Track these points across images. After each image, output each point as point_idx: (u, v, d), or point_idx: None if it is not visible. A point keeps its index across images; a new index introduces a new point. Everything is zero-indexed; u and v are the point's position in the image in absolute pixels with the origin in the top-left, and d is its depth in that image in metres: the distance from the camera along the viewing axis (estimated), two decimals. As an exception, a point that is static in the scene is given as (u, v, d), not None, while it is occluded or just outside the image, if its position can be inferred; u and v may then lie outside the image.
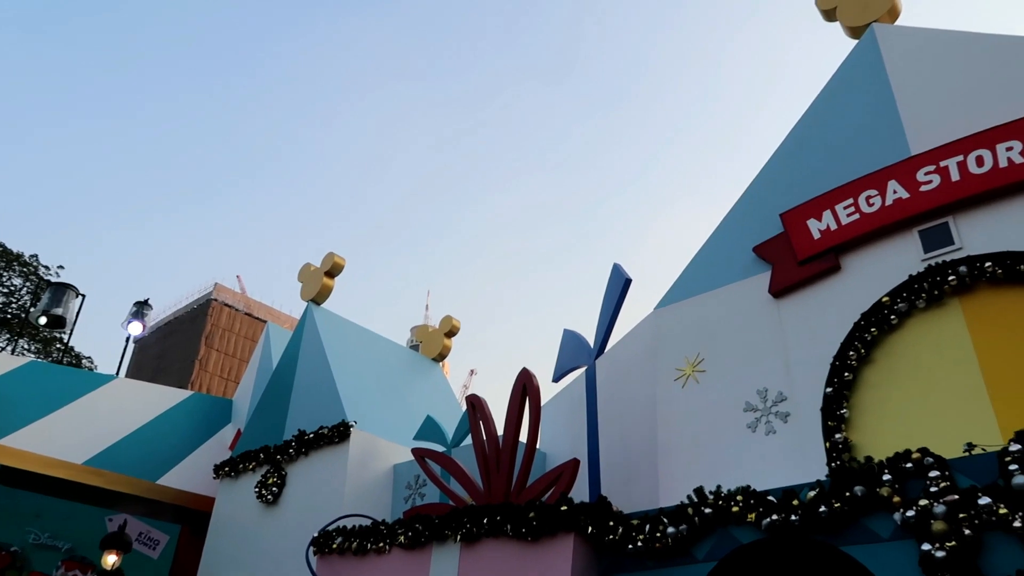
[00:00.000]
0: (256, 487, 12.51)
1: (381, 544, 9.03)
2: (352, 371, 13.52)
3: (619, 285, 10.58)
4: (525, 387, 9.17)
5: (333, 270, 15.08)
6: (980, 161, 8.02)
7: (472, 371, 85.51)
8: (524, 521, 7.77)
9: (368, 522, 9.84)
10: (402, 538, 8.81)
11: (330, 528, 10.00)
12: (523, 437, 9.15)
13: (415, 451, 10.44)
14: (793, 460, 7.95)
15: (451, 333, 16.93)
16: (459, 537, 8.25)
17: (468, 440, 10.61)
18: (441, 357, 16.82)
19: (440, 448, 11.10)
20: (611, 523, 7.46)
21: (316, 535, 9.98)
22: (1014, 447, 5.63)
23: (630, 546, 7.25)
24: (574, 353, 11.27)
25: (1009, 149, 7.89)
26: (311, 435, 12.03)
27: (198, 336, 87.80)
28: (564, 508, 7.56)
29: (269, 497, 12.20)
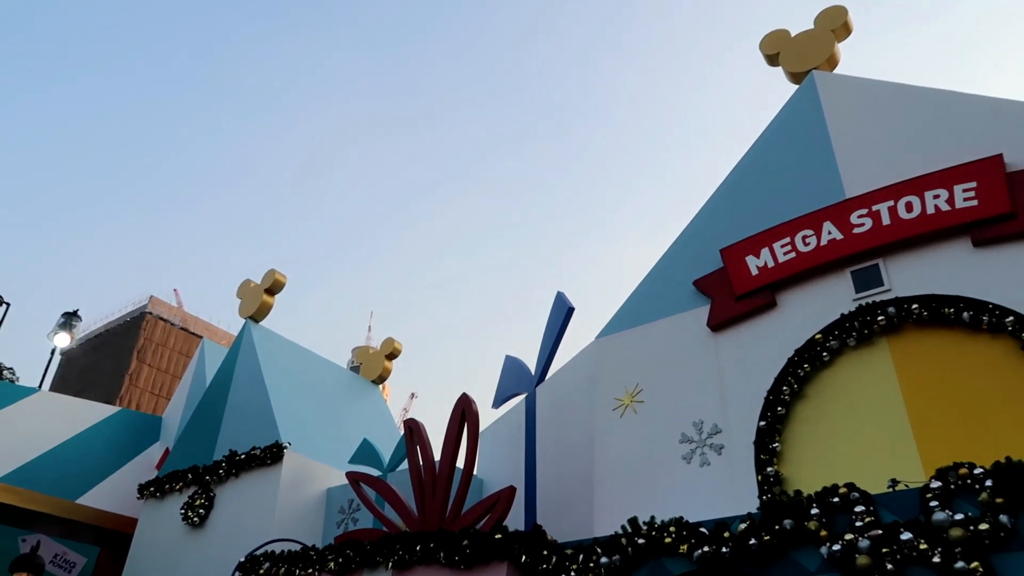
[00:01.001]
0: (182, 508, 12.08)
1: (310, 570, 8.80)
2: (288, 391, 13.25)
3: (562, 313, 10.67)
4: (464, 412, 9.11)
5: (274, 287, 14.81)
6: (910, 207, 8.36)
7: (413, 394, 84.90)
8: (458, 549, 7.67)
9: (298, 547, 9.59)
10: (332, 564, 8.60)
11: (257, 553, 9.71)
12: (461, 463, 9.07)
13: (349, 475, 10.25)
14: (726, 492, 8.06)
15: (392, 355, 16.76)
16: (391, 564, 8.10)
17: (405, 465, 10.47)
18: (381, 379, 16.62)
19: (376, 472, 10.92)
20: (545, 552, 7.42)
21: (243, 560, 9.68)
22: (935, 484, 5.81)
23: (563, 575, 7.21)
24: (515, 380, 11.28)
25: (936, 197, 8.25)
26: (243, 456, 11.71)
27: (130, 350, 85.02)
28: (499, 536, 7.50)
29: (195, 519, 11.79)
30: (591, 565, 7.08)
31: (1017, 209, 7.73)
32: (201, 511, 11.81)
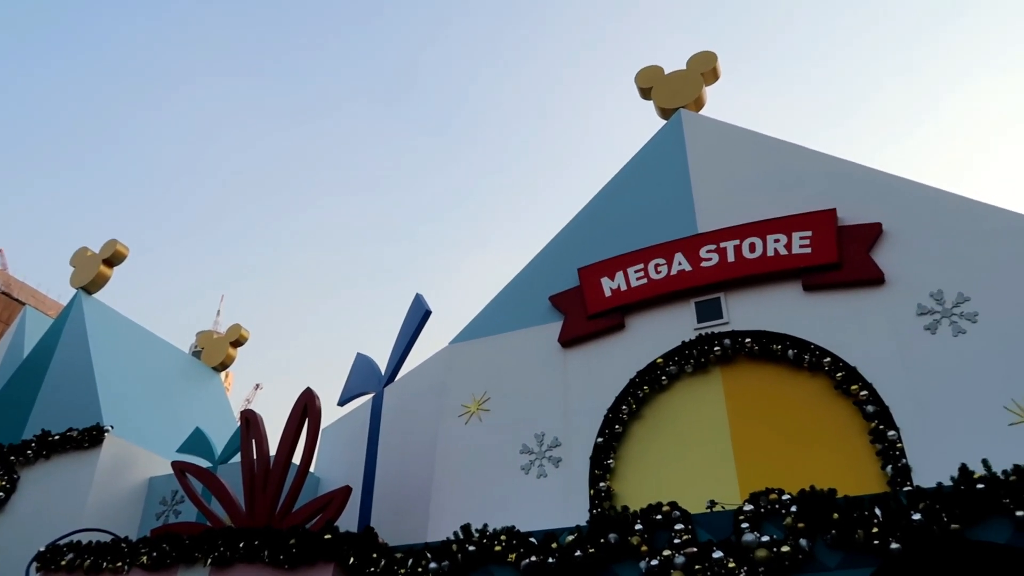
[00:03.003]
0: (-21, 490, 10.95)
1: (119, 563, 8.19)
2: (117, 371, 12.36)
3: (418, 315, 10.59)
4: (306, 407, 8.83)
5: (113, 258, 13.81)
6: (753, 247, 8.95)
7: (258, 386, 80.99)
8: (284, 547, 7.40)
9: (108, 538, 8.91)
10: (145, 558, 8.05)
11: (61, 542, 8.93)
12: (298, 459, 8.78)
13: (175, 464, 9.67)
14: (560, 504, 8.27)
15: (238, 343, 16.02)
16: (209, 561, 7.68)
17: (238, 458, 10.01)
18: (223, 367, 15.84)
19: (205, 464, 10.37)
20: (375, 555, 7.30)
21: (42, 550, 8.87)
22: (748, 507, 6.20)
23: (390, 580, 7.12)
24: (363, 379, 11.08)
25: (776, 241, 8.88)
26: (56, 436, 10.78)
27: (-62, 311, 76.54)
28: (328, 536, 7.30)
29: (-7, 503, 10.72)
30: (420, 570, 7.03)
31: (843, 260, 8.45)
32: (0, 494, 10.75)
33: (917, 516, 5.57)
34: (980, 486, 5.53)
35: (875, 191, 8.96)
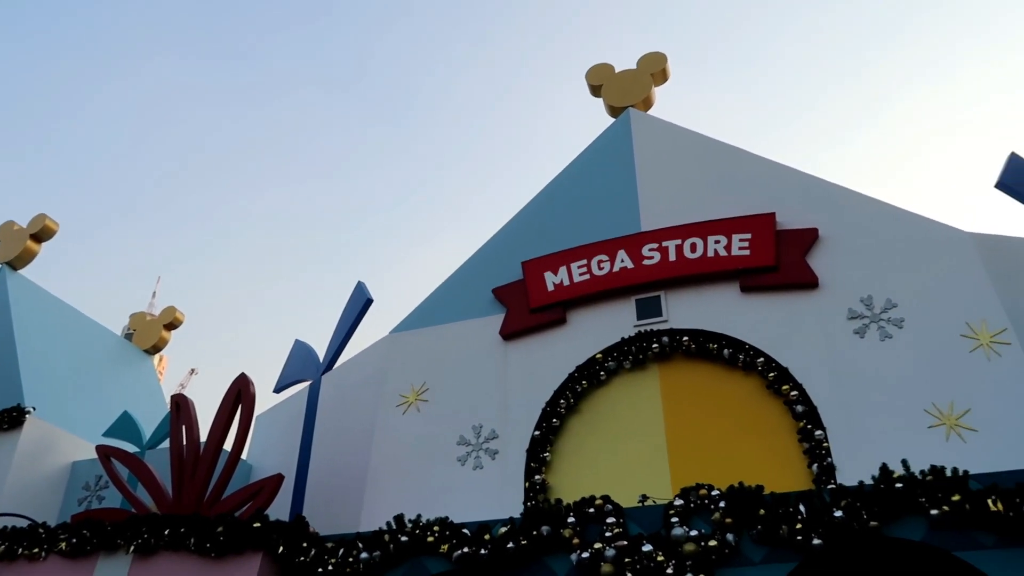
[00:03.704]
0: None
1: (36, 550, 7.89)
2: (42, 351, 11.89)
3: (359, 303, 10.48)
4: (240, 393, 8.64)
5: (42, 234, 13.28)
6: (694, 248, 9.09)
7: (193, 370, 79.05)
8: (211, 535, 7.23)
9: (24, 523, 8.58)
10: (63, 544, 7.77)
11: (-25, 527, 8.57)
12: (230, 446, 8.59)
13: (100, 449, 9.35)
14: (495, 496, 8.27)
15: (172, 325, 15.55)
16: (132, 548, 7.46)
17: (167, 443, 9.74)
18: (156, 350, 15.37)
19: (133, 448, 10.06)
20: (305, 544, 7.20)
21: (-46, 534, 8.49)
22: (678, 502, 6.32)
23: (320, 569, 7.03)
24: (301, 365, 10.90)
25: (717, 242, 9.03)
26: (-27, 417, 10.31)
27: None
28: (257, 525, 7.16)
29: (-99, 484, 10.21)
30: (350, 560, 6.96)
31: (780, 263, 8.65)
32: (-89, 475, 10.24)
33: (839, 513, 5.75)
34: (899, 485, 5.73)
35: (813, 197, 9.19)
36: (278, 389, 11.02)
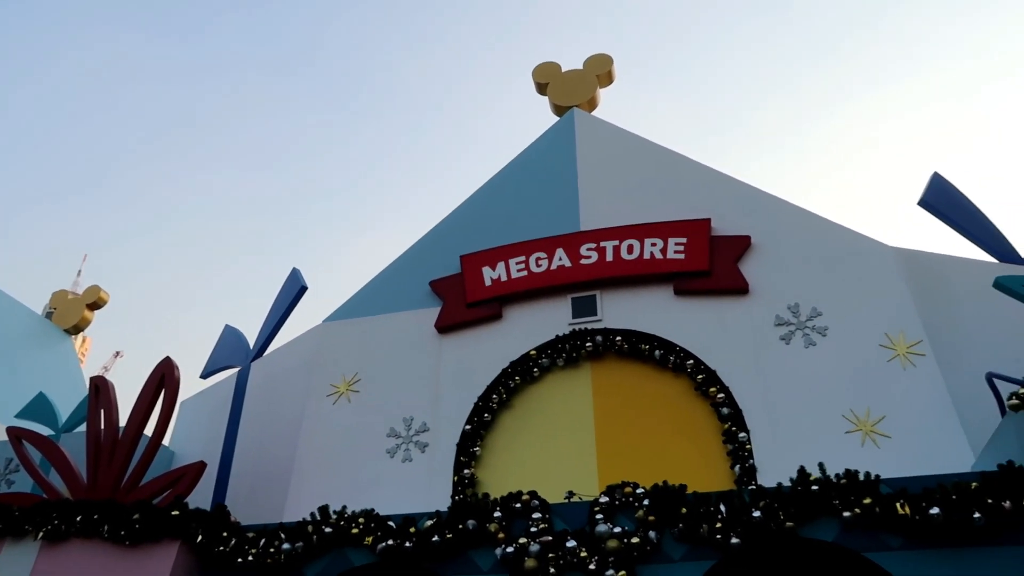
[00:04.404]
0: None
1: (-64, 535, 7.51)
2: (-47, 326, 11.33)
3: (293, 290, 10.31)
4: (164, 377, 8.38)
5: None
6: (631, 249, 9.21)
7: (118, 353, 76.14)
8: (126, 522, 7.00)
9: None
10: (-34, 530, 7.42)
11: None
12: (152, 432, 8.32)
13: (11, 430, 8.92)
14: (423, 489, 8.23)
15: (96, 305, 15.01)
16: (41, 535, 7.17)
17: (85, 427, 9.39)
18: (77, 330, 14.81)
19: (47, 431, 9.66)
20: (225, 534, 7.03)
21: None
22: (603, 499, 6.38)
23: (240, 559, 6.88)
24: (230, 351, 10.67)
25: (654, 245, 9.17)
26: None
27: None
28: (175, 513, 6.96)
29: None
30: (271, 551, 6.83)
31: (713, 269, 8.83)
32: None
33: (757, 513, 5.89)
34: (814, 488, 5.91)
35: (747, 205, 9.42)
36: (205, 375, 10.76)
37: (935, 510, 5.46)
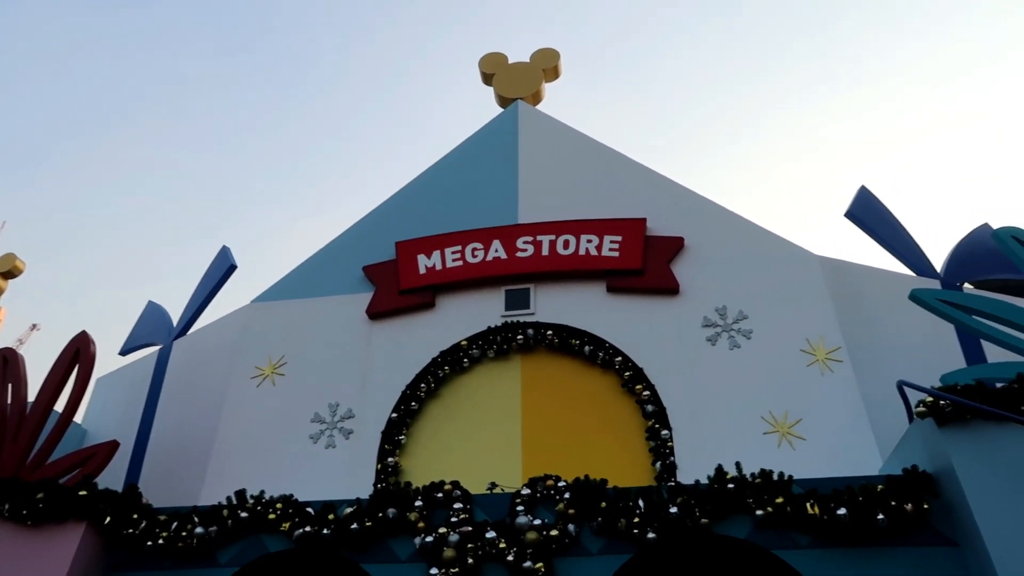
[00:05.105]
0: None
1: None
2: None
3: (222, 269, 10.06)
4: (79, 352, 8.07)
5: None
6: (567, 244, 9.27)
7: (34, 326, 73.01)
8: (29, 502, 6.71)
9: None
10: None
11: None
12: (62, 408, 8.00)
13: (-91, 401, 8.48)
14: (346, 476, 8.13)
15: (11, 274, 14.25)
16: (-64, 512, 6.81)
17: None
18: (-11, 299, 14.13)
19: (-51, 404, 9.19)
20: (135, 516, 6.81)
21: None
22: (525, 491, 6.41)
23: (149, 543, 6.67)
24: (152, 328, 10.35)
25: (589, 241, 9.25)
26: None
27: None
28: (83, 493, 6.71)
29: None
30: (183, 534, 6.64)
31: (646, 268, 8.96)
32: None
33: (674, 510, 6.01)
34: (730, 486, 6.06)
35: (682, 206, 9.58)
36: (124, 351, 10.41)
37: (842, 511, 5.66)
